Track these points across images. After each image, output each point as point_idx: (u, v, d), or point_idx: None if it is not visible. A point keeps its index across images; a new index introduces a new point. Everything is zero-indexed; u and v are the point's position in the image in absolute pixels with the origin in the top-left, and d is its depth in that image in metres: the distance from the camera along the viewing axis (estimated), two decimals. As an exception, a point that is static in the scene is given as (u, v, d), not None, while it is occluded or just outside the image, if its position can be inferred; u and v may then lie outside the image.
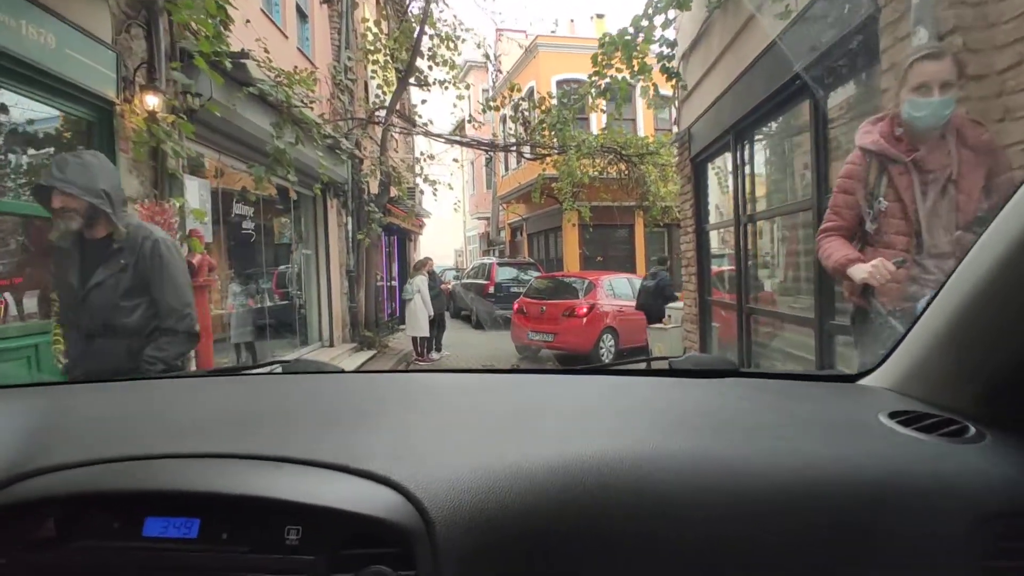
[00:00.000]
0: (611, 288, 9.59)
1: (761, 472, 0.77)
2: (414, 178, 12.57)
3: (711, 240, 6.37)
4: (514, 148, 12.40)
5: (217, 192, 6.11)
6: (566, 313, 9.06)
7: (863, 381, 1.08)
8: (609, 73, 7.40)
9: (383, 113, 10.18)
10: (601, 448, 0.79)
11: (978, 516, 0.72)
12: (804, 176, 4.00)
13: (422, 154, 11.52)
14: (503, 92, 10.48)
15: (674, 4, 5.45)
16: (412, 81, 10.41)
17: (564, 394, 1.14)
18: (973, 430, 0.83)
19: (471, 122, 11.80)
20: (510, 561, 0.71)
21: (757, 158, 4.88)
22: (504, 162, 19.93)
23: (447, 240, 30.00)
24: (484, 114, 11.37)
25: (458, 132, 12.31)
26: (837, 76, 3.36)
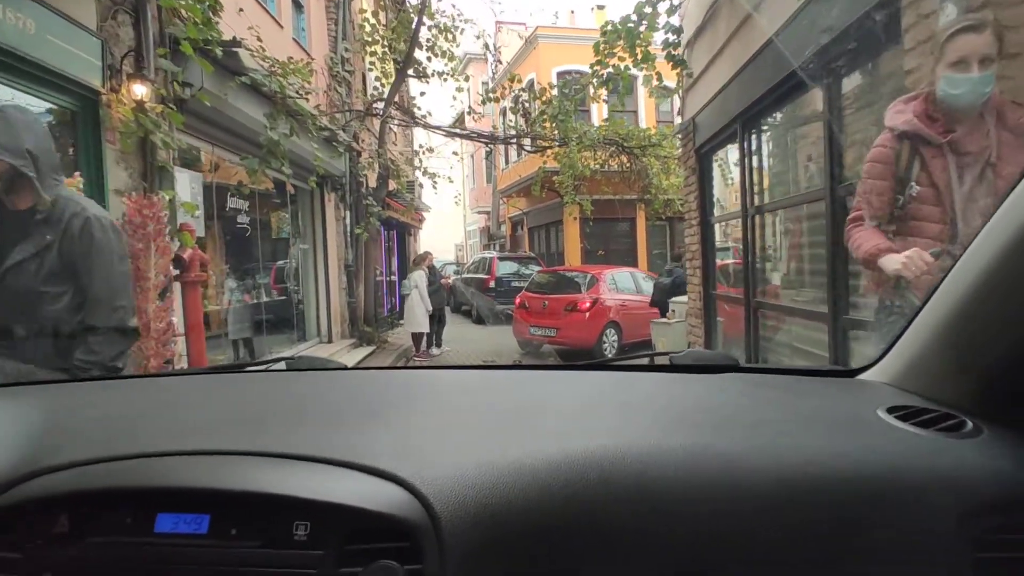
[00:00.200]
0: (614, 282, 9.47)
1: (761, 467, 0.77)
2: (413, 171, 12.41)
3: (715, 233, 6.24)
4: (514, 140, 12.22)
5: (211, 186, 5.98)
6: (569, 308, 8.93)
7: (862, 376, 1.08)
8: (611, 62, 7.26)
9: (381, 105, 10.02)
10: (603, 444, 0.80)
11: (973, 509, 0.73)
12: (816, 166, 3.85)
13: (421, 146, 11.37)
14: (503, 83, 10.30)
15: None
16: (410, 73, 10.24)
17: (566, 390, 1.15)
18: (971, 425, 0.84)
19: (470, 113, 11.61)
20: (514, 556, 0.72)
21: (766, 148, 4.73)
22: (504, 155, 19.75)
23: (447, 235, 29.86)
24: (484, 105, 11.18)
25: (458, 125, 12.13)
26: (853, 59, 3.21)
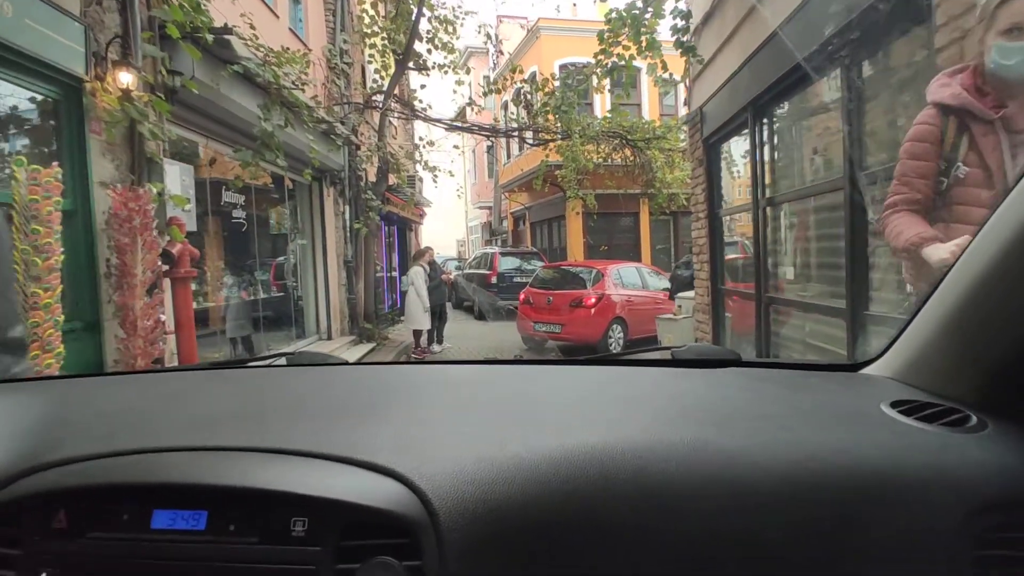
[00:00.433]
0: (619, 277, 9.31)
1: (763, 463, 0.76)
2: (414, 165, 12.23)
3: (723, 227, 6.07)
4: (516, 133, 12.03)
5: (207, 180, 5.83)
6: (574, 303, 8.80)
7: (865, 370, 1.07)
8: (616, 52, 7.07)
9: (381, 98, 9.83)
10: (603, 439, 0.79)
11: (977, 505, 0.72)
12: (832, 154, 3.67)
13: (421, 139, 11.18)
14: (505, 75, 10.09)
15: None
16: (410, 65, 10.06)
17: (566, 384, 1.14)
18: (975, 419, 0.83)
19: (471, 105, 11.41)
20: (513, 551, 0.71)
21: (778, 137, 4.55)
22: (506, 149, 19.54)
23: (449, 230, 29.67)
24: (485, 98, 10.98)
25: (459, 119, 11.94)
26: (875, 39, 3.03)
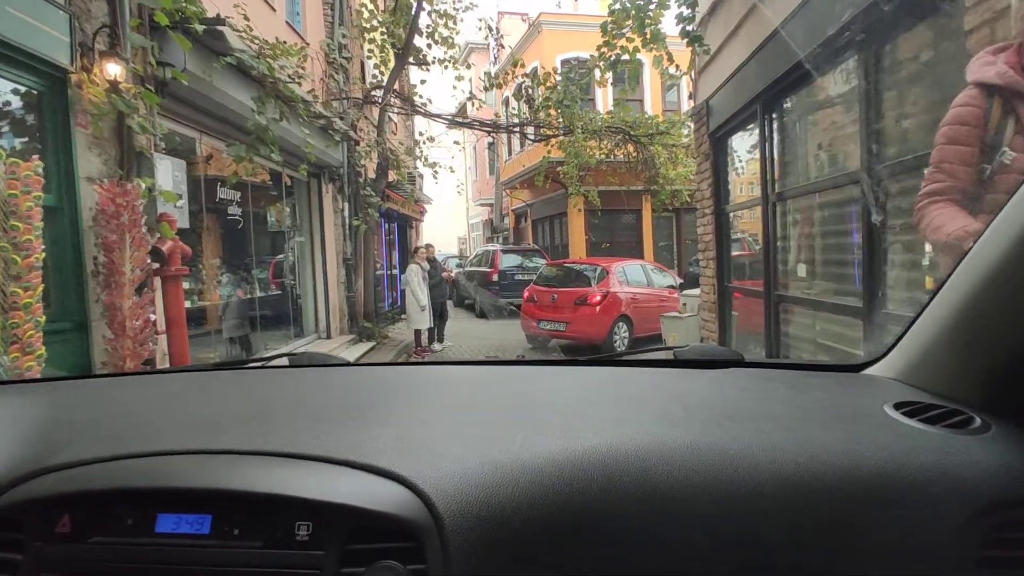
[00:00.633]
0: (624, 275, 9.18)
1: (766, 464, 0.76)
2: (414, 162, 12.08)
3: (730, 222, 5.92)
4: (517, 129, 11.87)
5: (204, 176, 5.69)
6: (579, 301, 8.69)
7: (868, 371, 1.06)
8: (619, 44, 6.92)
9: (380, 93, 9.68)
10: (606, 440, 0.79)
11: (980, 506, 0.72)
12: (848, 146, 3.52)
13: (421, 134, 11.02)
14: (507, 69, 9.93)
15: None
16: (410, 60, 9.90)
17: (569, 385, 1.14)
18: (979, 421, 0.82)
19: (471, 100, 11.25)
20: (517, 554, 0.71)
21: (788, 130, 4.40)
22: (507, 146, 19.37)
23: (450, 227, 29.51)
24: (486, 92, 10.81)
25: (460, 115, 11.78)
26: (896, 23, 2.88)
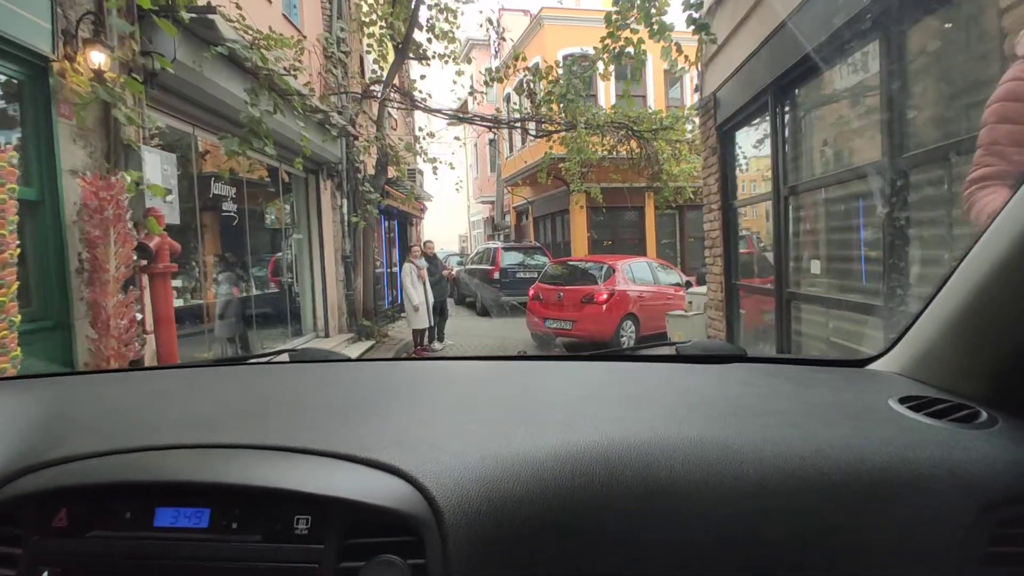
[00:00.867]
0: (631, 273, 9.10)
1: (770, 459, 0.75)
2: (415, 158, 11.92)
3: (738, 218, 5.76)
4: (518, 124, 11.69)
5: (194, 171, 5.54)
6: (585, 299, 8.61)
7: (872, 366, 1.06)
8: (623, 35, 6.75)
9: (379, 88, 9.51)
10: (609, 436, 0.79)
11: (987, 501, 0.71)
12: (868, 136, 3.36)
13: (421, 129, 10.86)
14: (508, 63, 9.75)
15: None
16: (410, 55, 9.73)
17: (570, 381, 1.13)
18: (985, 415, 0.81)
19: (473, 94, 11.07)
20: (518, 549, 0.70)
21: (803, 120, 4.23)
22: (509, 142, 19.20)
23: (451, 225, 29.37)
24: (487, 86, 10.65)
25: (460, 110, 11.60)
26: (919, 5, 2.71)
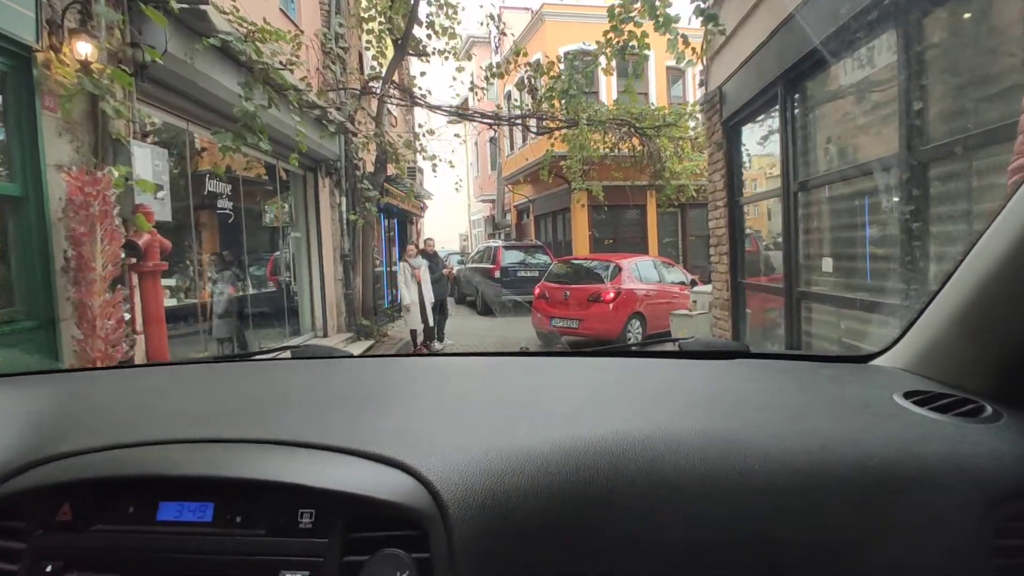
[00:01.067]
0: (637, 271, 9.05)
1: (775, 453, 0.75)
2: (414, 155, 11.78)
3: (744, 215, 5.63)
4: (519, 121, 11.55)
5: (188, 168, 5.41)
6: (592, 298, 8.56)
7: (876, 361, 1.05)
8: (627, 29, 6.62)
9: (378, 85, 9.38)
10: (612, 430, 0.79)
11: (993, 496, 0.71)
12: (883, 129, 3.23)
13: (420, 126, 10.72)
14: (509, 58, 9.61)
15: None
16: (409, 51, 9.59)
17: (573, 376, 1.13)
18: (990, 410, 0.81)
19: (473, 89, 10.92)
20: (522, 542, 0.70)
21: (814, 113, 4.09)
22: (509, 140, 19.06)
23: (452, 223, 29.21)
24: (487, 82, 10.50)
25: (461, 108, 11.45)
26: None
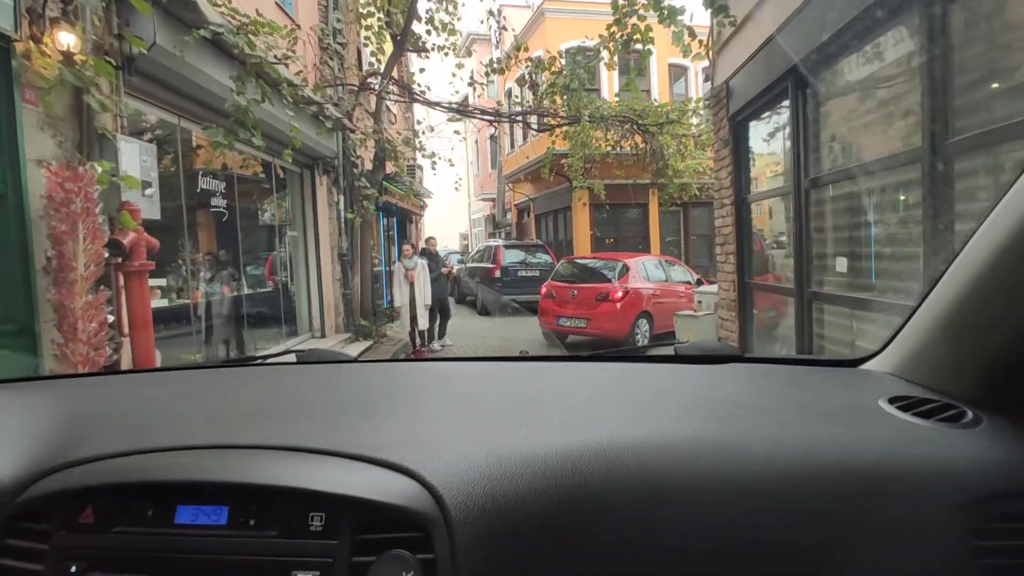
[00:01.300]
0: (645, 270, 8.98)
1: (762, 458, 0.77)
2: (414, 153, 11.62)
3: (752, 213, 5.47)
4: (520, 118, 11.39)
5: (180, 165, 5.26)
6: (600, 297, 8.47)
7: (865, 366, 1.07)
8: (631, 22, 6.47)
9: (377, 81, 9.22)
10: (607, 435, 0.81)
11: (971, 498, 0.73)
12: (904, 122, 3.08)
13: (419, 122, 10.57)
14: (510, 53, 9.46)
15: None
16: (408, 47, 9.44)
17: (571, 381, 1.16)
18: (971, 415, 0.84)
19: (473, 85, 10.76)
20: (522, 544, 0.73)
21: (827, 107, 3.94)
22: (510, 138, 18.89)
23: (452, 222, 29.05)
24: (488, 77, 10.34)
25: (461, 105, 11.30)
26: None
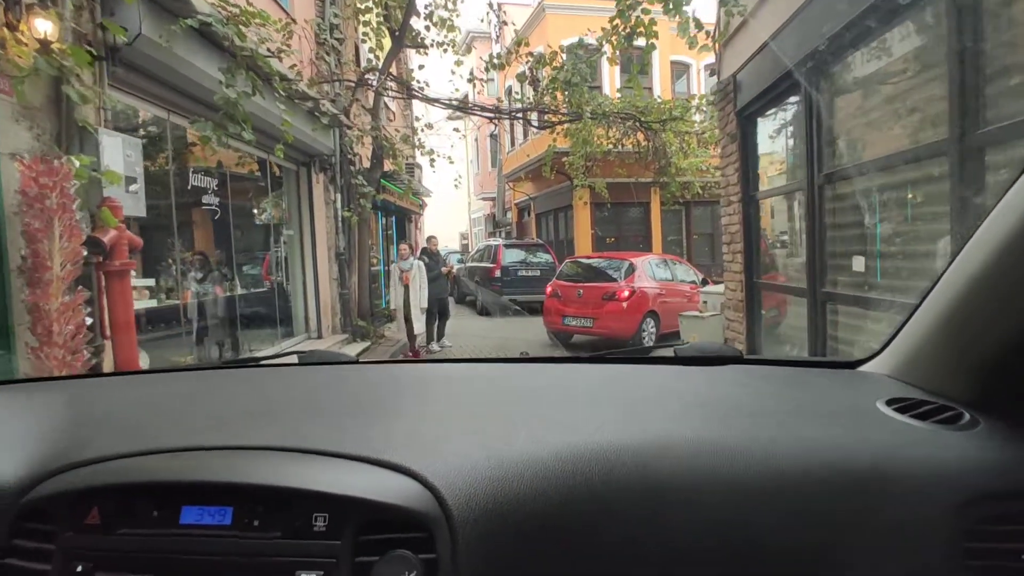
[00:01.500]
0: (651, 270, 8.86)
1: (760, 459, 0.78)
2: (412, 150, 11.45)
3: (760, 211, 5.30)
4: (520, 115, 11.21)
5: (169, 161, 5.10)
6: (607, 297, 8.36)
7: (863, 368, 1.09)
8: (634, 15, 6.30)
9: (375, 77, 9.05)
10: (608, 437, 0.82)
11: (965, 500, 0.74)
12: (927, 113, 2.91)
13: (418, 119, 10.40)
14: (511, 49, 9.29)
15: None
16: (407, 43, 9.26)
17: (571, 382, 1.16)
18: (968, 417, 0.85)
19: (472, 81, 10.58)
20: (523, 544, 0.74)
21: (841, 99, 3.77)
22: (510, 135, 18.71)
23: (452, 222, 28.89)
24: (488, 73, 10.16)
25: (460, 102, 11.12)
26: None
